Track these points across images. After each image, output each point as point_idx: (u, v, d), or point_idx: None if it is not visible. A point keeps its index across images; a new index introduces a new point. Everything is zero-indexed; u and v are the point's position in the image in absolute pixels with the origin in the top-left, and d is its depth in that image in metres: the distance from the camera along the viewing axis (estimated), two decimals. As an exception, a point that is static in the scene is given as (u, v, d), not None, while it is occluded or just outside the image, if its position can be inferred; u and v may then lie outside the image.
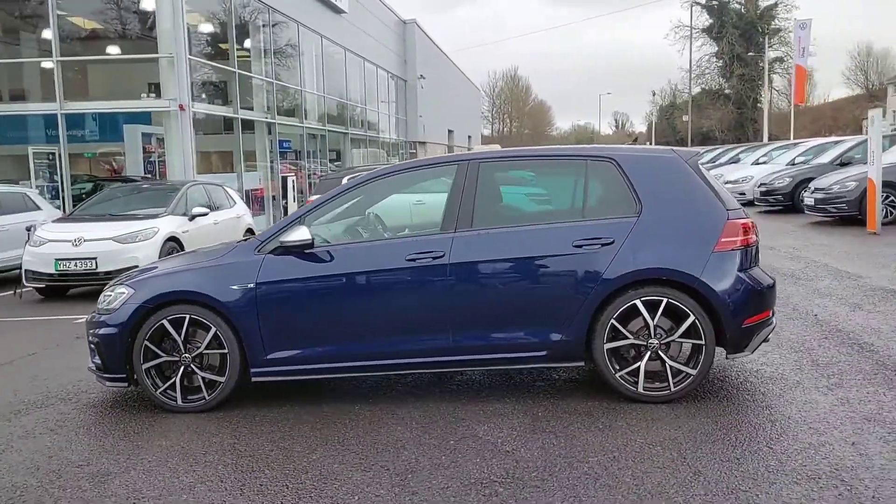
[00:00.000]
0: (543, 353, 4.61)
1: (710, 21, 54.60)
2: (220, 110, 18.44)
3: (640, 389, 4.55)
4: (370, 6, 30.52)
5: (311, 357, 4.70)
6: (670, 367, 4.53)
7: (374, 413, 4.60)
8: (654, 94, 51.59)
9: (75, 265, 9.67)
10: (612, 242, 4.54)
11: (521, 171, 5.23)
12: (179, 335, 4.71)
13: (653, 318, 4.50)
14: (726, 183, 17.84)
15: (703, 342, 4.50)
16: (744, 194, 18.02)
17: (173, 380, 4.74)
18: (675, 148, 4.99)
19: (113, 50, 18.92)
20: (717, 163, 25.31)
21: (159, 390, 4.76)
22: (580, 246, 4.54)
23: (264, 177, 20.55)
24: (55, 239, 9.92)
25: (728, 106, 53.74)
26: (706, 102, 54.56)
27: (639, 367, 4.54)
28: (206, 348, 4.71)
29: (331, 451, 4.01)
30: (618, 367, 4.56)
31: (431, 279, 4.62)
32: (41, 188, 17.30)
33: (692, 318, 4.48)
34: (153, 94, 16.92)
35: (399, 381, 5.23)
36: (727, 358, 4.68)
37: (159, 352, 4.75)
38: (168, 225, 10.39)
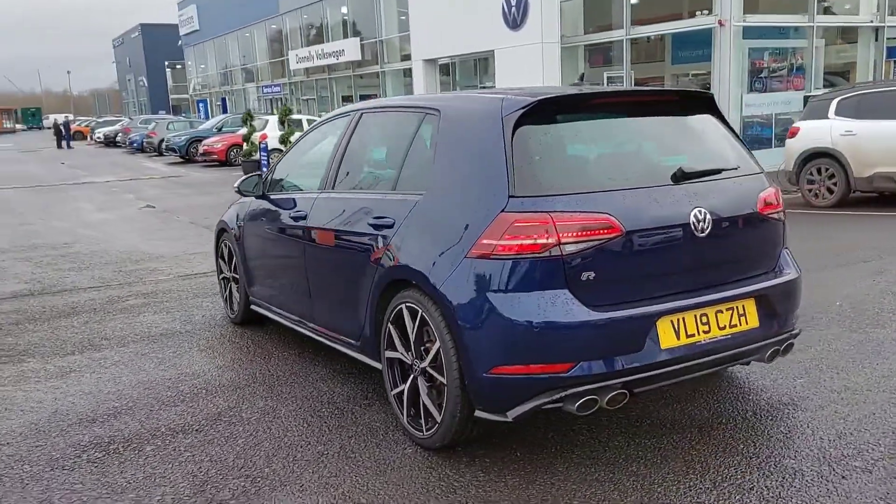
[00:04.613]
0: (355, 342, 3.92)
1: None
2: (779, 20, 16.35)
3: (404, 420, 3.47)
4: None
5: (258, 295, 5.12)
6: (423, 403, 3.31)
7: (263, 346, 4.93)
8: None
9: None
10: (392, 226, 3.47)
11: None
12: (223, 258, 5.73)
13: (412, 332, 3.33)
14: None
15: (444, 380, 3.12)
16: None
17: (224, 294, 5.82)
18: (508, 95, 3.19)
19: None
20: None
21: (223, 297, 5.91)
22: (373, 225, 3.62)
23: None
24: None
25: None
26: None
27: (403, 390, 3.45)
28: (233, 273, 5.60)
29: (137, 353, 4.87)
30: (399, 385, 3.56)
31: (295, 240, 4.41)
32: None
33: (438, 344, 3.14)
34: (706, 12, 16.26)
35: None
36: (476, 413, 3.07)
37: (223, 268, 5.86)
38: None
